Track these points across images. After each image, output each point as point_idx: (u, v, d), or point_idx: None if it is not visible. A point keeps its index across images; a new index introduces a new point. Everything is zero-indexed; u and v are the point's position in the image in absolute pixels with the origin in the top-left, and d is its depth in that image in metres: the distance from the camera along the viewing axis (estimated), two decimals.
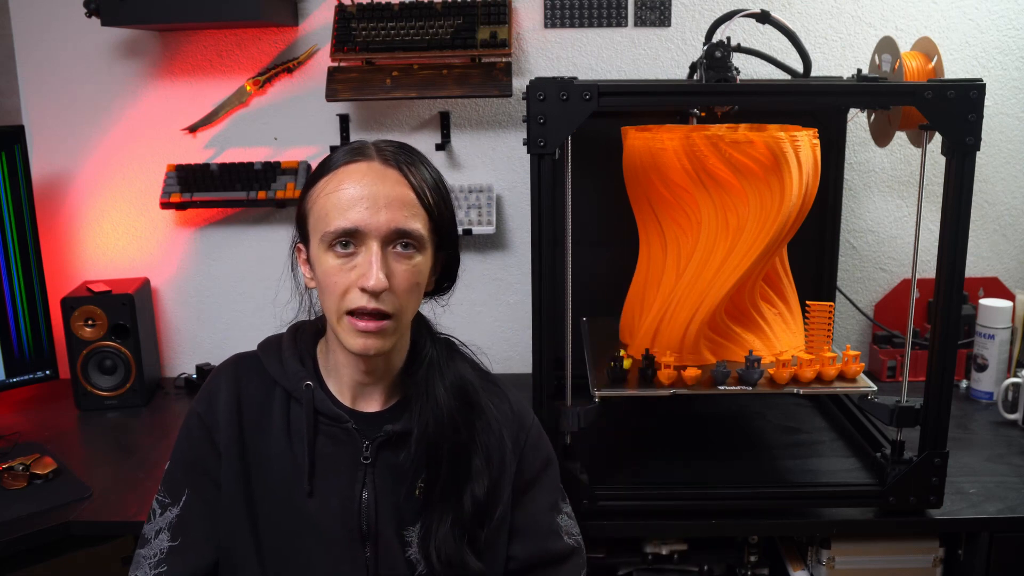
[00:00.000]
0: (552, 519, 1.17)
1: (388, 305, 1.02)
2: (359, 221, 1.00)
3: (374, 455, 1.08)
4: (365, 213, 1.00)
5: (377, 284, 0.99)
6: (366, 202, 1.00)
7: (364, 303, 1.00)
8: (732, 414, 1.75)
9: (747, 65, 1.78)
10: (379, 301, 1.01)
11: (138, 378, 1.86)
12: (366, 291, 1.00)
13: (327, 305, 1.04)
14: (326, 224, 1.01)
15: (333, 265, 1.02)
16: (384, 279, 0.99)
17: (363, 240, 1.01)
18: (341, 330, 1.03)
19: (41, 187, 1.94)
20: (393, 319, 1.03)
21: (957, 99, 1.23)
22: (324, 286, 1.04)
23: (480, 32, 1.81)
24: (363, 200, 1.00)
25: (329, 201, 1.02)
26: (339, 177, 1.03)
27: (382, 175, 1.03)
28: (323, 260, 1.03)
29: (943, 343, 1.30)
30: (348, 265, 1.01)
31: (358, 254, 1.01)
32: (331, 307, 1.03)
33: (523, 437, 1.16)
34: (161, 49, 1.93)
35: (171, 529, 1.08)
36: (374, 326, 1.01)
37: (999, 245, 2.00)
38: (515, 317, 2.03)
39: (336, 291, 1.02)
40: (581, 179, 1.37)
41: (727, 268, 1.36)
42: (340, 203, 1.01)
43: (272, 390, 1.11)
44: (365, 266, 1.00)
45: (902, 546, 1.42)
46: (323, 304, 1.06)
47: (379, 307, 1.01)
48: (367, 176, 1.02)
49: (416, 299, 1.07)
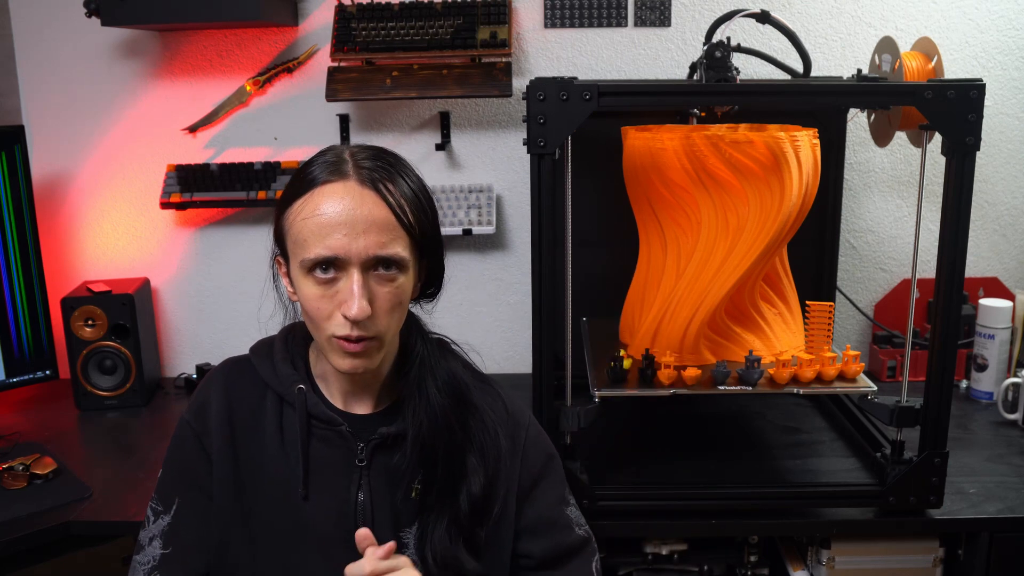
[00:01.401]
0: (562, 512, 1.18)
1: (371, 330, 1.01)
2: (338, 249, 0.98)
3: (369, 458, 1.08)
4: (344, 240, 0.97)
5: (360, 312, 0.97)
6: (344, 228, 0.97)
7: (348, 331, 0.99)
8: (732, 414, 1.75)
9: (747, 65, 1.78)
10: (362, 328, 1.00)
11: (138, 378, 1.86)
12: (348, 319, 0.99)
13: (312, 327, 1.04)
14: (304, 251, 0.99)
15: (314, 292, 1.00)
16: (367, 306, 0.98)
17: (343, 267, 0.99)
18: (328, 351, 1.03)
19: (41, 187, 1.94)
20: (378, 340, 1.02)
21: (957, 99, 1.22)
22: (306, 311, 1.03)
23: (480, 32, 1.81)
24: (341, 227, 0.97)
25: (307, 226, 0.99)
26: (315, 200, 0.99)
27: (360, 198, 0.99)
28: (304, 285, 1.01)
29: (943, 343, 1.30)
30: (330, 291, 1.00)
31: (339, 279, 1.00)
32: (315, 330, 1.03)
33: (522, 435, 1.16)
34: (161, 49, 1.93)
35: (163, 536, 1.08)
36: (360, 347, 1.01)
37: (999, 245, 2.00)
38: (515, 317, 2.03)
39: (319, 316, 1.01)
40: (581, 179, 1.37)
41: (727, 268, 1.36)
42: (318, 229, 0.98)
43: (264, 394, 1.11)
44: (347, 293, 0.99)
45: (902, 546, 1.42)
46: (307, 323, 1.05)
47: (362, 334, 1.00)
48: (344, 199, 0.99)
49: (400, 316, 1.06)
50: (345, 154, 1.04)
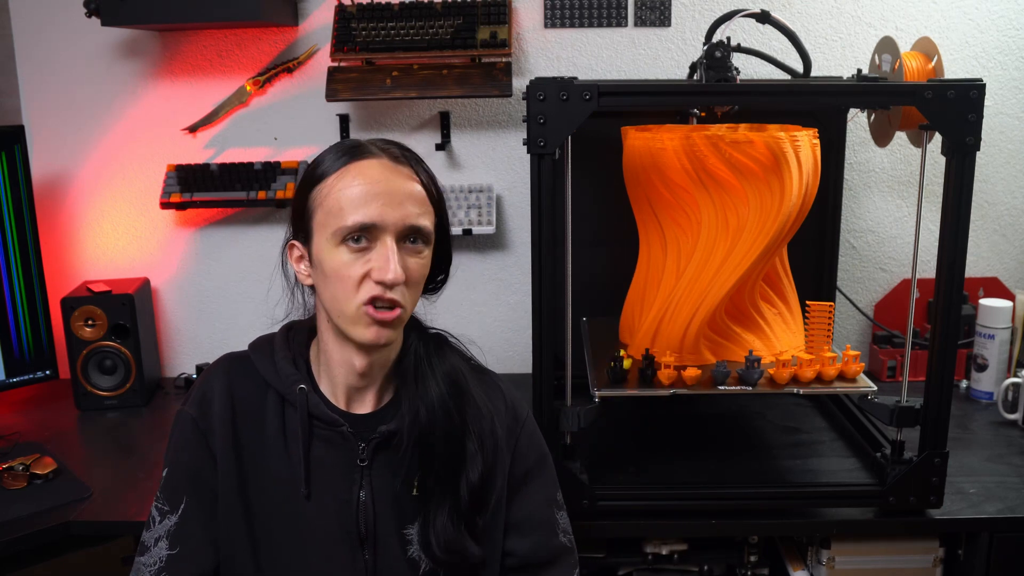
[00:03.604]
0: (551, 514, 1.17)
1: (400, 296, 1.03)
2: (376, 217, 1.01)
3: (370, 457, 1.08)
4: (384, 208, 1.01)
5: (397, 277, 1.00)
6: (383, 198, 1.01)
7: (380, 292, 1.01)
8: (732, 414, 1.75)
9: (747, 65, 1.78)
10: (394, 292, 1.02)
11: (138, 378, 1.86)
12: (382, 283, 1.01)
13: (337, 298, 1.03)
14: (340, 219, 1.01)
15: (346, 259, 1.02)
16: (402, 272, 1.01)
17: (378, 235, 1.02)
18: (352, 322, 1.03)
19: (41, 187, 1.94)
20: (403, 310, 1.04)
21: (957, 99, 1.23)
22: (336, 279, 1.03)
23: (480, 32, 1.81)
24: (380, 196, 1.01)
25: (344, 196, 1.02)
26: (352, 173, 1.03)
27: (395, 171, 1.05)
28: (334, 255, 1.02)
29: (943, 343, 1.30)
30: (362, 259, 1.02)
31: (372, 248, 1.02)
32: (343, 299, 1.03)
33: (517, 429, 1.17)
34: (161, 49, 1.93)
35: (170, 537, 1.07)
36: (391, 316, 1.03)
37: (999, 245, 2.00)
38: (515, 317, 2.03)
39: (350, 284, 1.02)
40: (581, 179, 1.37)
41: (727, 268, 1.36)
42: (356, 198, 1.01)
43: (265, 393, 1.11)
44: (381, 260, 1.01)
45: (902, 546, 1.42)
46: (329, 299, 1.05)
47: (394, 297, 1.02)
48: (383, 172, 1.04)
49: (418, 294, 1.09)
50: (363, 141, 1.08)
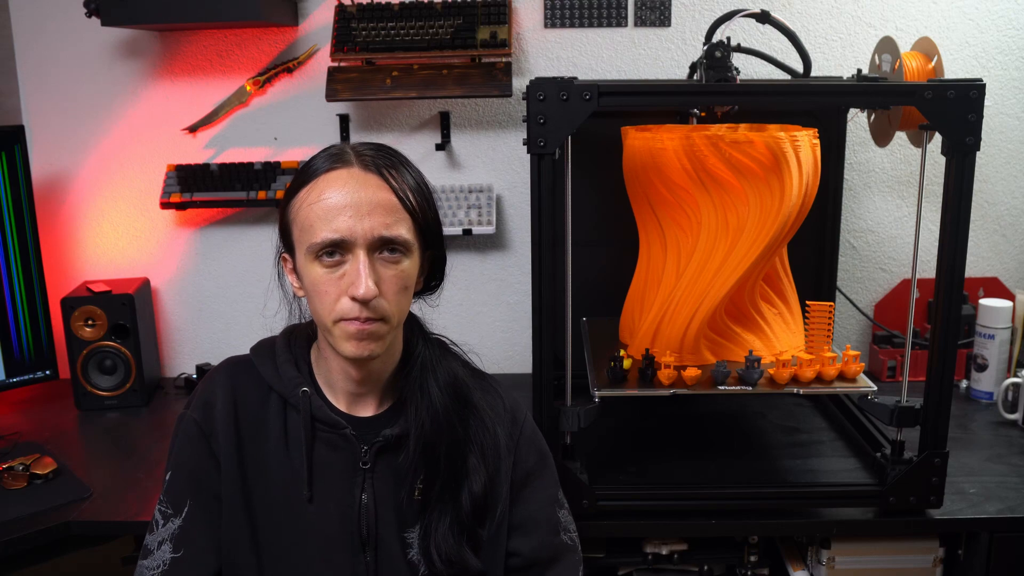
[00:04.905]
0: (553, 513, 1.17)
1: (378, 312, 1.02)
2: (344, 231, 0.99)
3: (372, 460, 1.08)
4: (350, 222, 0.99)
5: (367, 292, 0.99)
6: (349, 211, 1.00)
7: (357, 313, 1.00)
8: (732, 414, 1.75)
9: (747, 65, 1.78)
10: (369, 309, 1.01)
11: (138, 378, 1.86)
12: (356, 300, 1.00)
13: (318, 313, 1.04)
14: (311, 235, 1.01)
15: (321, 275, 1.01)
16: (373, 287, 0.99)
17: (350, 248, 1.01)
18: (334, 336, 1.03)
19: (41, 187, 1.94)
20: (385, 322, 1.03)
21: (957, 99, 1.22)
22: (314, 295, 1.03)
23: (480, 32, 1.81)
24: (346, 209, 1.00)
25: (312, 212, 1.01)
26: (320, 186, 1.02)
27: (363, 181, 1.02)
28: (311, 270, 1.02)
29: (943, 343, 1.30)
30: (336, 274, 1.01)
31: (345, 262, 1.01)
32: (323, 315, 1.03)
33: (516, 432, 1.17)
34: (161, 49, 1.93)
35: (173, 540, 1.07)
36: (367, 329, 1.01)
37: (999, 245, 2.00)
38: (515, 317, 2.03)
39: (327, 300, 1.02)
40: (581, 179, 1.37)
41: (727, 268, 1.36)
42: (324, 213, 1.00)
43: (267, 396, 1.11)
44: (353, 275, 1.00)
45: (902, 546, 1.42)
46: (313, 312, 1.06)
47: (370, 315, 1.01)
48: (348, 183, 1.01)
49: (406, 302, 1.07)
50: (347, 147, 1.07)
